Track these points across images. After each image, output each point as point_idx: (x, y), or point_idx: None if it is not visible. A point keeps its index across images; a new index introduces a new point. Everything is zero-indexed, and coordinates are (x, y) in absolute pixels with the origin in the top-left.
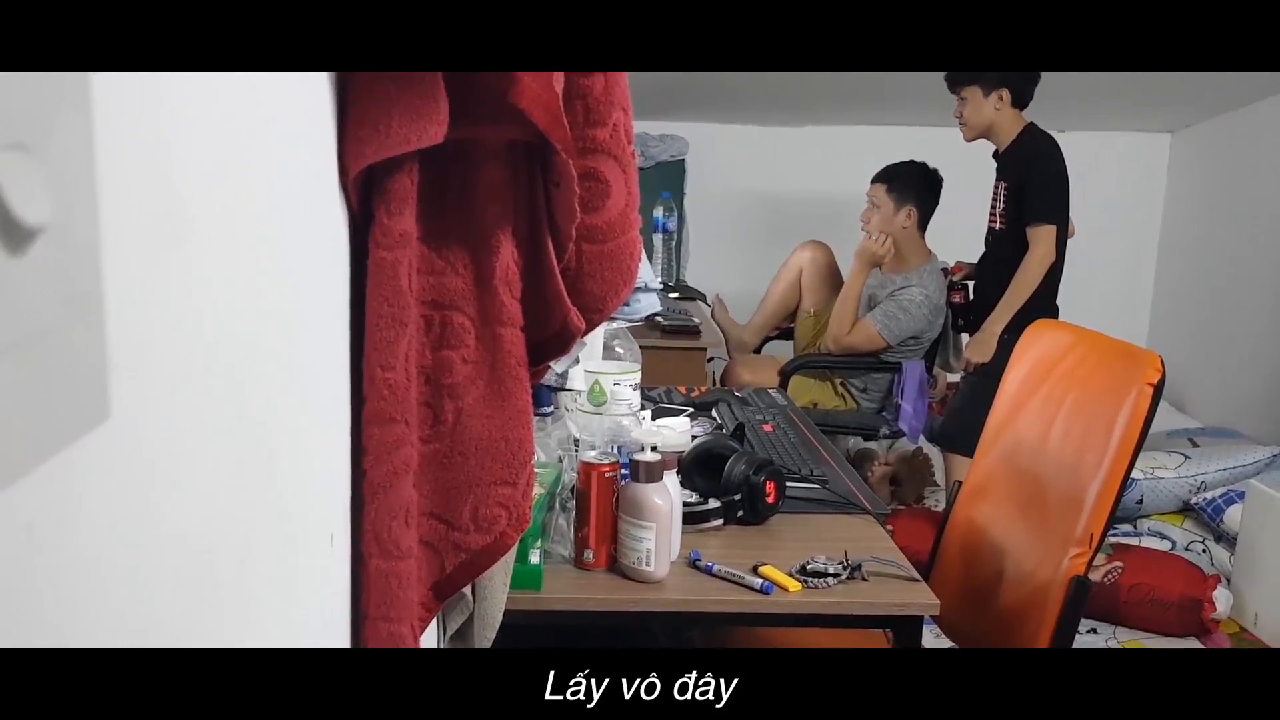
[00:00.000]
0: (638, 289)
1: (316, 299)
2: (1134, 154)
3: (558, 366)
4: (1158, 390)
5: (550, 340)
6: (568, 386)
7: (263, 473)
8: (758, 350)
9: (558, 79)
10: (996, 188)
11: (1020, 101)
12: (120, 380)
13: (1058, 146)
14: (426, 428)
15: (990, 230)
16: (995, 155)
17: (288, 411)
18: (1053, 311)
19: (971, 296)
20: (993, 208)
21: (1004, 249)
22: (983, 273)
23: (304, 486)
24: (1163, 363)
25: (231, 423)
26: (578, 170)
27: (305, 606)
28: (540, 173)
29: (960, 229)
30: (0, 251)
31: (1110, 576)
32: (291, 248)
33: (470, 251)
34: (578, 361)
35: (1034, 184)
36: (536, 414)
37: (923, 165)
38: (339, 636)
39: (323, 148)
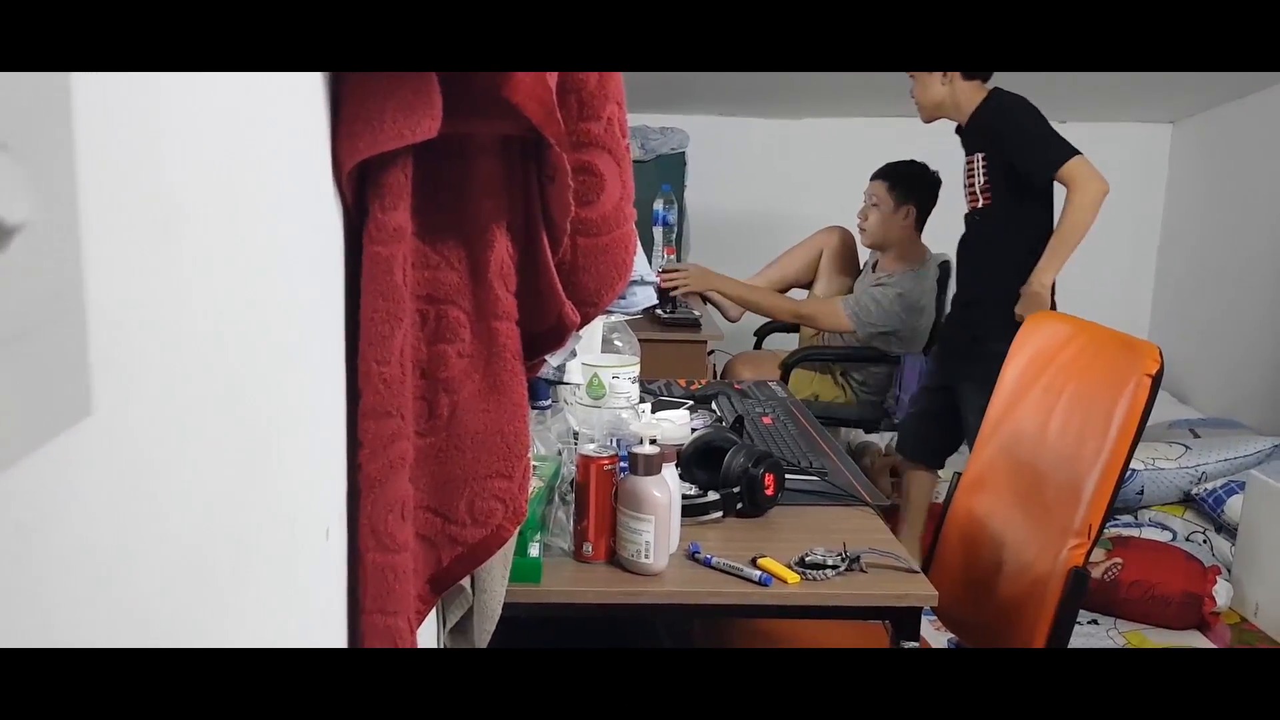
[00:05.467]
0: (634, 282)
1: (311, 294)
2: (1135, 144)
3: (553, 360)
4: (1156, 381)
5: (545, 334)
6: (565, 380)
7: (257, 468)
8: (758, 345)
9: (551, 73)
10: (970, 163)
11: (974, 75)
12: (106, 377)
13: (1027, 101)
14: (422, 421)
15: (973, 211)
16: (958, 131)
17: (283, 407)
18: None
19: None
20: (969, 186)
21: (992, 228)
22: (968, 258)
23: (299, 481)
24: (1161, 354)
25: (225, 418)
26: (572, 164)
27: (301, 600)
28: (535, 167)
29: (957, 224)
30: None
31: (1110, 574)
32: (286, 243)
33: (465, 246)
34: (575, 354)
35: (1023, 138)
36: (535, 407)
37: (924, 165)
38: (336, 630)
39: (316, 143)
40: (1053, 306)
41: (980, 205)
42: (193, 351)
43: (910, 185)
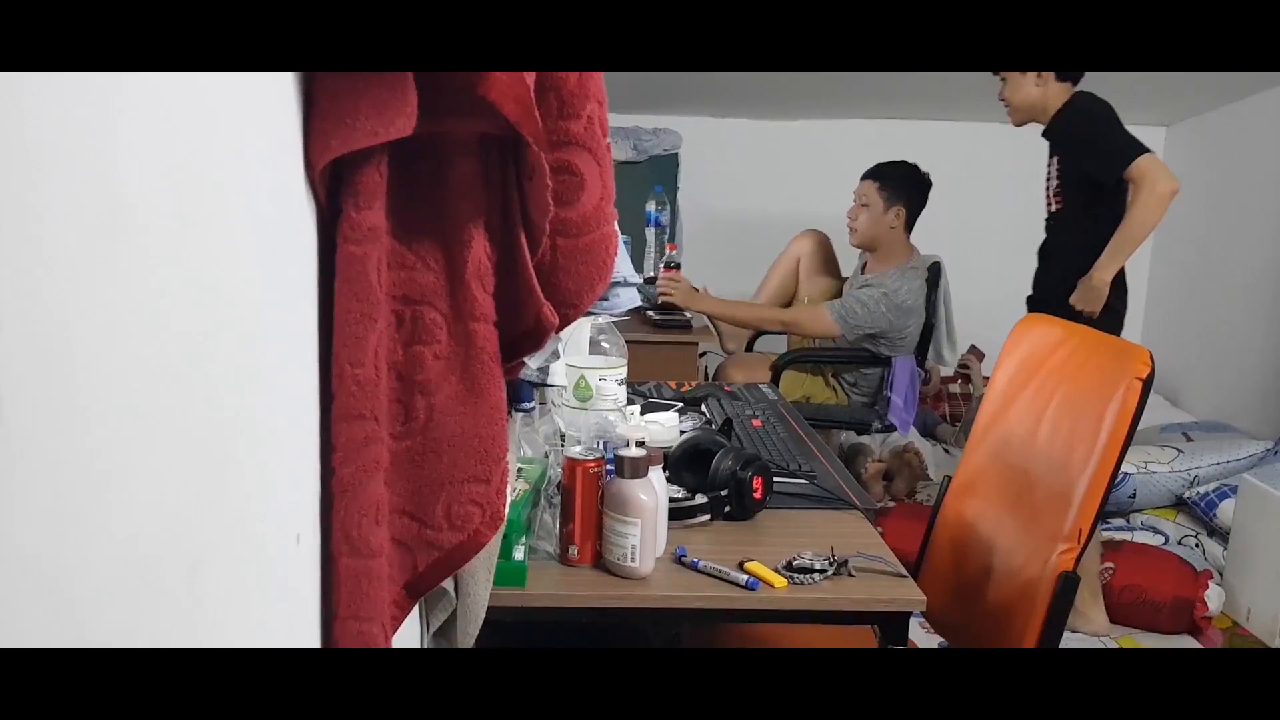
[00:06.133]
0: (617, 283)
1: (283, 295)
2: None
3: (533, 362)
4: (1147, 385)
5: (524, 336)
6: (548, 382)
7: (218, 474)
8: (749, 347)
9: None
10: (1050, 165)
11: (1066, 76)
12: (41, 380)
13: (1104, 103)
14: (398, 424)
15: (1049, 215)
16: (1044, 133)
17: (250, 410)
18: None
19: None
20: (1047, 190)
21: (1062, 232)
22: (1044, 261)
23: (267, 487)
24: (1152, 357)
25: (185, 422)
26: (551, 163)
27: (269, 608)
28: (513, 166)
29: (949, 225)
30: None
31: (1102, 577)
32: (256, 243)
33: (442, 246)
34: (558, 356)
35: (1093, 142)
36: (521, 409)
37: (914, 166)
38: (308, 637)
39: (288, 140)
40: (1121, 308)
41: (1053, 209)
42: (152, 353)
43: (900, 186)
